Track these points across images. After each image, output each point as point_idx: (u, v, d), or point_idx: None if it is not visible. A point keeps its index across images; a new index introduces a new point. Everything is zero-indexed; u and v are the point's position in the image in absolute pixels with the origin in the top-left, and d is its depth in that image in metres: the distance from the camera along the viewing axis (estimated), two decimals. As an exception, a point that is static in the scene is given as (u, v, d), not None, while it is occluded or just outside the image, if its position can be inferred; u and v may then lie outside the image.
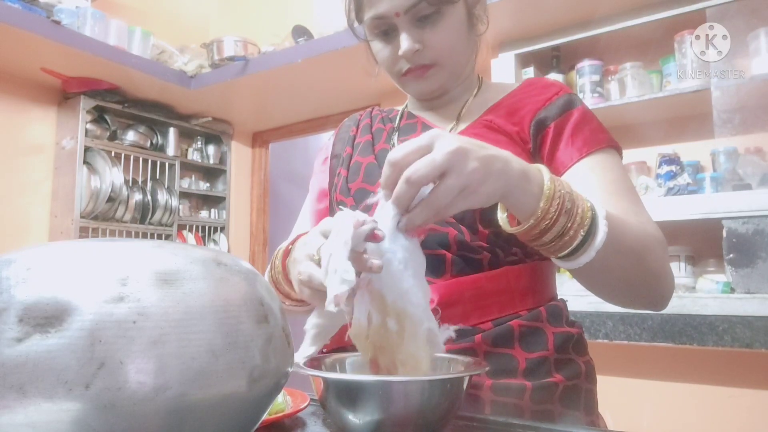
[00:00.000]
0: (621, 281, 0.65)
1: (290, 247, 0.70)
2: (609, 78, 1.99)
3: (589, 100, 1.93)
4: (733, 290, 1.58)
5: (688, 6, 1.74)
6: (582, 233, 0.56)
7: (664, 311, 1.60)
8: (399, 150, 0.51)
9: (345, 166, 0.86)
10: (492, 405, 0.67)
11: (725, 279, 1.63)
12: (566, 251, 0.57)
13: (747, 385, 1.74)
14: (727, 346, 1.54)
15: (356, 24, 0.81)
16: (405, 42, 0.73)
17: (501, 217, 0.61)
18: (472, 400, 0.67)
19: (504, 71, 2.11)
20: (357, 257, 0.50)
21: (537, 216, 0.55)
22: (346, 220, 0.50)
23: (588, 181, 0.70)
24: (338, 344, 0.77)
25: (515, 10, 1.92)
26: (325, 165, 0.93)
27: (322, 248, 0.53)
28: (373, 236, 0.51)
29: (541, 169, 0.57)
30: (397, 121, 0.88)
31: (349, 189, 0.82)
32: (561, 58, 2.12)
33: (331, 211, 0.88)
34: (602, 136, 0.74)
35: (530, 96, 0.78)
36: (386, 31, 0.76)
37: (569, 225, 0.55)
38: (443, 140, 0.50)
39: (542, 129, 0.75)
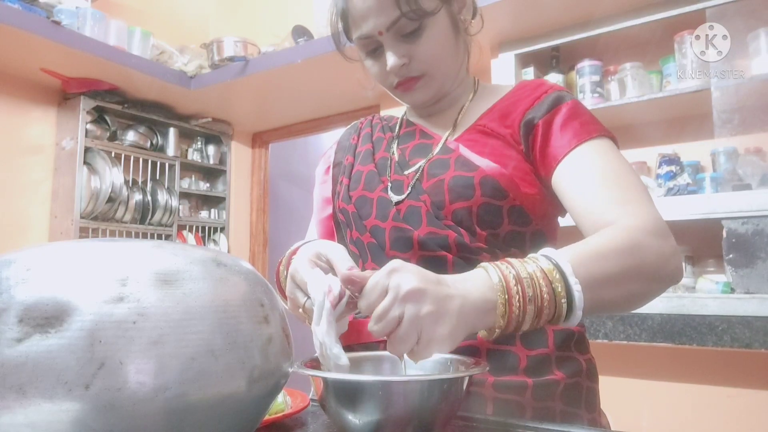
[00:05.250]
0: (624, 299, 0.62)
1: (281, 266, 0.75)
2: (609, 78, 1.99)
3: (589, 100, 1.93)
4: (732, 290, 1.58)
5: (688, 6, 1.74)
6: (564, 303, 0.54)
7: (663, 311, 1.61)
8: (365, 301, 0.52)
9: (346, 174, 0.87)
10: (494, 402, 0.67)
11: (725, 279, 1.63)
12: (555, 323, 0.57)
13: (746, 386, 1.74)
14: (727, 347, 1.54)
15: (345, 42, 0.83)
16: (390, 58, 0.75)
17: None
18: (474, 397, 0.67)
19: (504, 71, 2.11)
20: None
21: (501, 326, 0.54)
22: (322, 293, 0.54)
23: (579, 173, 0.69)
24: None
25: (515, 11, 1.92)
26: (327, 174, 0.94)
27: (313, 332, 0.56)
28: (351, 305, 0.55)
29: (488, 272, 0.55)
30: (396, 130, 0.89)
31: (350, 197, 0.83)
32: (561, 59, 2.12)
33: (334, 218, 0.89)
34: (593, 127, 0.72)
35: (521, 97, 0.78)
36: (374, 48, 0.78)
37: (541, 308, 0.54)
38: (398, 281, 0.50)
39: (531, 128, 0.74)
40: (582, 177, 0.69)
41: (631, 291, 0.62)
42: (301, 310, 0.66)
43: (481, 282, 0.54)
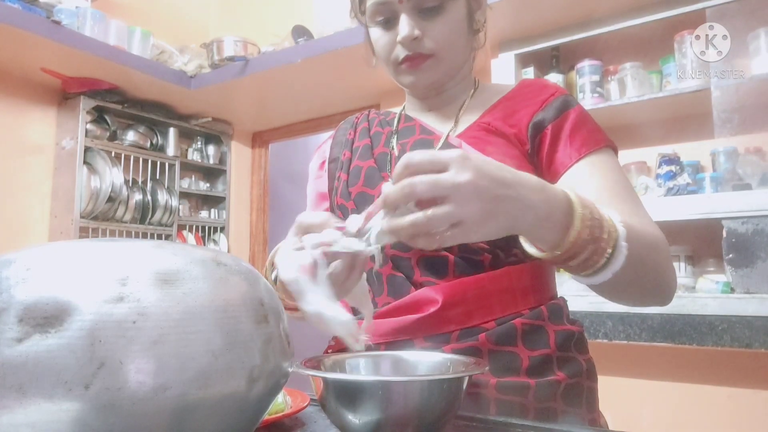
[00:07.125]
0: (634, 287, 0.65)
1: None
2: (609, 78, 1.99)
3: (589, 100, 1.93)
4: (732, 290, 1.58)
5: (688, 6, 1.74)
6: (606, 256, 0.56)
7: (663, 311, 1.61)
8: (417, 155, 0.50)
9: (344, 170, 0.86)
10: (496, 403, 0.67)
11: (725, 279, 1.63)
12: (586, 273, 0.58)
13: (746, 385, 1.74)
14: (727, 346, 1.54)
15: (360, 15, 0.82)
16: (405, 27, 0.74)
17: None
18: (477, 398, 0.67)
19: (504, 71, 2.11)
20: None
21: (564, 248, 0.55)
22: (294, 270, 0.52)
23: (588, 183, 0.71)
24: (341, 345, 0.78)
25: (515, 10, 1.92)
26: (322, 170, 0.93)
27: (306, 304, 0.53)
28: (323, 256, 0.53)
29: (572, 201, 0.55)
30: (395, 124, 0.88)
31: (349, 193, 0.82)
32: (561, 58, 2.12)
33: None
34: (599, 137, 0.74)
35: (527, 98, 0.79)
36: (388, 18, 0.77)
37: (596, 250, 0.56)
38: (461, 167, 0.48)
39: (540, 131, 0.75)
40: (592, 187, 0.70)
41: (643, 284, 0.65)
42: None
43: (558, 202, 0.54)
